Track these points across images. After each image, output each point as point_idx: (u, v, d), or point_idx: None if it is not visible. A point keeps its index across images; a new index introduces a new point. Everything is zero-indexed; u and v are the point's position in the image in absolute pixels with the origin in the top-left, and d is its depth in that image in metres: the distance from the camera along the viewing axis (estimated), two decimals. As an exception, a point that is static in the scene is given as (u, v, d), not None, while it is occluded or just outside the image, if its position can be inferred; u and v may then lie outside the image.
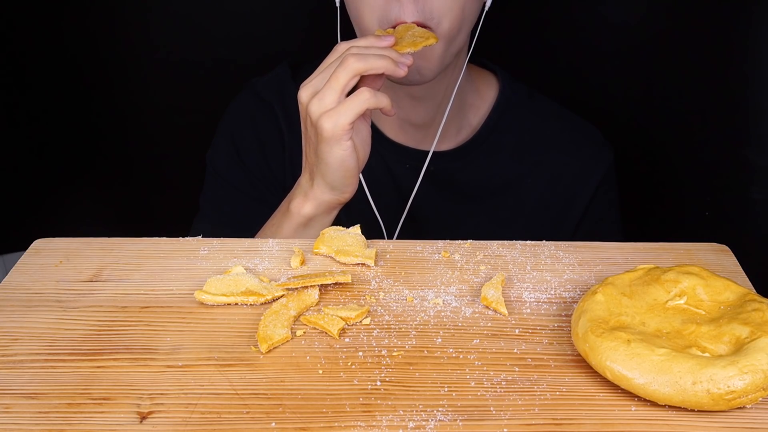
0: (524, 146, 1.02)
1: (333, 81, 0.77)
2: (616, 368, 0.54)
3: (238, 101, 1.05)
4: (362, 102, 0.76)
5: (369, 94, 0.77)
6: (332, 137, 0.77)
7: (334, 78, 0.77)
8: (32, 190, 1.41)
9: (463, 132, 1.02)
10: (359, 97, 0.77)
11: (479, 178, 1.02)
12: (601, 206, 1.04)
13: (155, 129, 1.40)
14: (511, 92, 1.03)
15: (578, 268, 0.69)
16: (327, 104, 0.77)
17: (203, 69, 1.35)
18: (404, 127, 1.00)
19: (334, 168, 0.79)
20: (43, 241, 0.72)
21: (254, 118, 1.03)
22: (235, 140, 1.02)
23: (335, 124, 0.76)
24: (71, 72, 1.35)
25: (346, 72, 0.76)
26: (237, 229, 0.89)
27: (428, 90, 0.95)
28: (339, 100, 0.77)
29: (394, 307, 0.64)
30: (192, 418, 0.52)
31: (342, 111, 0.76)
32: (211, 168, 1.04)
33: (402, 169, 1.00)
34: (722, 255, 0.71)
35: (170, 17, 1.33)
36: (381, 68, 0.77)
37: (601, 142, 1.05)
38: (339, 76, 0.76)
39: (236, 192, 1.01)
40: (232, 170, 1.01)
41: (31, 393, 0.54)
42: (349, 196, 0.83)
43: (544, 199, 1.02)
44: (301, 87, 0.80)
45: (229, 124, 1.04)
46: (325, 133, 0.77)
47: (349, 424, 0.52)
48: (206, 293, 0.64)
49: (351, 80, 0.77)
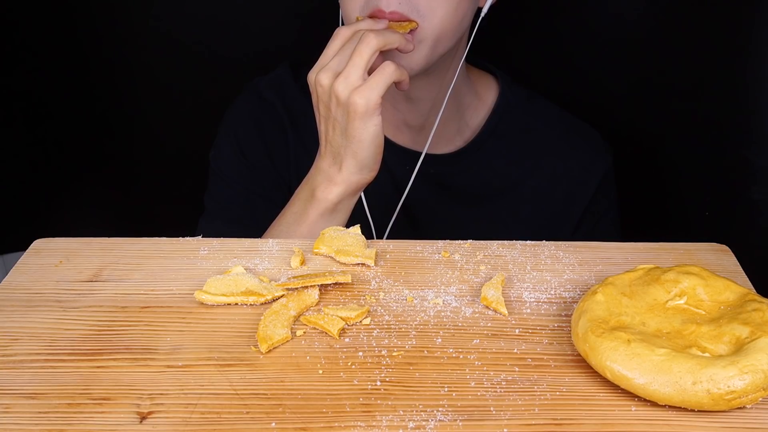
0: (524, 149, 1.03)
1: (357, 58, 0.79)
2: (616, 368, 0.54)
3: (240, 101, 1.06)
4: (389, 74, 0.79)
5: (393, 66, 0.79)
6: (366, 112, 0.79)
7: (357, 55, 0.79)
8: (32, 190, 1.41)
9: (463, 134, 1.02)
10: (385, 71, 0.79)
11: (479, 181, 1.02)
12: (600, 208, 1.04)
13: (156, 129, 1.40)
14: (511, 95, 1.03)
15: (578, 268, 0.69)
16: (354, 81, 0.79)
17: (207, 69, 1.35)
18: (401, 129, 1.00)
19: (366, 144, 0.81)
20: (43, 241, 0.72)
21: (257, 118, 1.04)
22: (238, 140, 1.03)
23: (368, 99, 0.78)
24: (71, 71, 1.35)
25: (368, 48, 0.79)
26: (246, 226, 0.89)
27: (423, 91, 0.95)
28: (364, 77, 0.79)
29: (394, 307, 0.64)
30: (192, 418, 0.52)
31: (372, 86, 0.78)
32: (215, 167, 1.04)
33: (402, 170, 1.00)
34: (722, 255, 0.71)
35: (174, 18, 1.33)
36: (396, 42, 0.80)
37: (601, 145, 1.05)
38: (363, 53, 0.79)
39: (243, 190, 1.02)
40: (237, 169, 1.02)
41: (31, 393, 0.54)
42: (375, 173, 0.85)
43: (544, 202, 1.02)
44: (317, 72, 0.81)
45: (232, 123, 1.05)
46: (359, 108, 0.78)
47: (349, 424, 0.52)
48: (206, 293, 0.64)
49: (372, 56, 0.79)
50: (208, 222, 1.01)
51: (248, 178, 1.02)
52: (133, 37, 1.34)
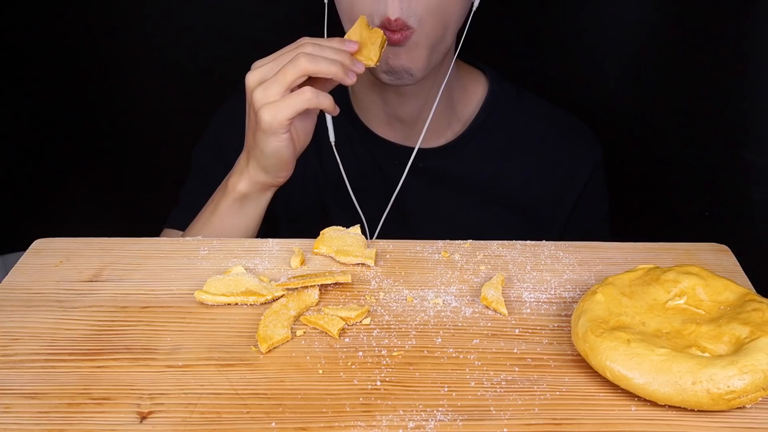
0: (513, 143, 1.03)
1: (281, 75, 0.78)
2: (616, 368, 0.54)
3: (227, 101, 1.08)
4: (303, 101, 0.78)
5: (311, 94, 0.78)
6: (269, 129, 0.79)
7: (282, 73, 0.78)
8: (32, 190, 1.41)
9: (453, 129, 1.03)
10: (301, 96, 0.78)
11: (469, 175, 1.03)
12: (591, 200, 1.04)
13: (156, 130, 1.40)
14: (500, 90, 1.04)
15: (578, 268, 0.69)
16: (270, 96, 0.78)
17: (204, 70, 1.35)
18: (392, 123, 1.01)
19: (267, 155, 0.82)
20: (43, 241, 0.72)
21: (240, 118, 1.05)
22: (218, 137, 1.05)
23: (274, 118, 0.78)
24: (72, 72, 1.35)
25: (295, 70, 0.78)
26: None
27: (416, 87, 0.96)
28: (282, 94, 0.78)
29: (394, 307, 0.64)
30: (192, 418, 0.52)
31: (282, 106, 0.78)
32: (194, 162, 1.06)
33: (392, 166, 1.01)
34: (722, 255, 0.71)
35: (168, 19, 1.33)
36: (329, 73, 0.79)
37: (590, 137, 1.06)
38: (287, 73, 0.78)
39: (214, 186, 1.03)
40: (212, 165, 1.03)
41: (31, 393, 0.54)
42: (283, 180, 0.85)
43: (534, 195, 1.03)
44: (252, 68, 0.82)
45: (216, 122, 1.07)
46: (263, 124, 0.79)
47: (349, 424, 0.52)
48: (206, 293, 0.64)
49: (298, 79, 0.78)
50: (177, 213, 1.03)
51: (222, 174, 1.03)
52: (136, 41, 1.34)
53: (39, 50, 1.33)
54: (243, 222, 0.87)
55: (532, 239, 0.73)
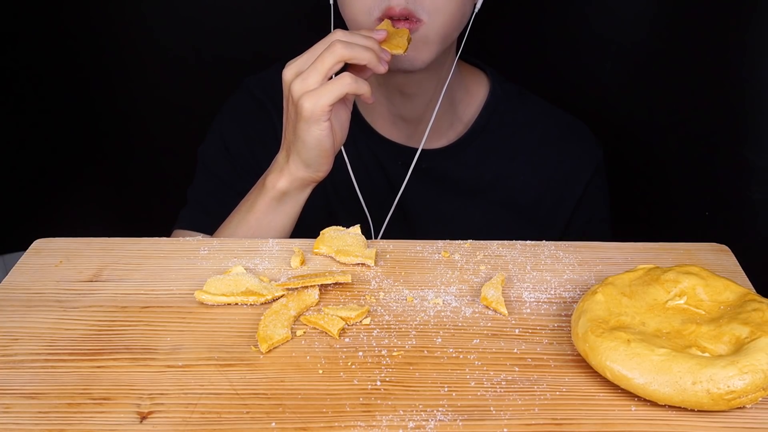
0: (515, 143, 1.04)
1: (318, 63, 0.79)
2: (616, 368, 0.54)
3: (231, 99, 1.08)
4: (343, 86, 0.79)
5: (350, 79, 0.79)
6: (311, 117, 0.79)
7: (319, 61, 0.79)
8: (32, 190, 1.41)
9: (455, 129, 1.03)
10: (341, 81, 0.79)
11: (471, 175, 1.03)
12: (592, 201, 1.05)
13: (156, 129, 1.40)
14: (502, 91, 1.04)
15: (578, 268, 0.69)
16: (309, 85, 0.79)
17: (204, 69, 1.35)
18: (396, 123, 1.01)
19: (310, 147, 0.81)
20: (43, 241, 0.72)
21: (246, 115, 1.06)
22: (224, 135, 1.05)
23: (315, 105, 0.79)
24: (71, 72, 1.35)
25: (332, 56, 0.79)
26: (218, 220, 0.90)
27: (418, 86, 0.97)
28: (321, 82, 0.79)
29: (394, 307, 0.64)
30: (192, 418, 0.52)
31: (323, 92, 0.79)
32: (200, 161, 1.06)
33: (395, 166, 1.01)
34: (722, 255, 0.71)
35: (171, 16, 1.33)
36: (364, 59, 0.80)
37: (591, 139, 1.06)
38: (324, 60, 0.79)
39: (222, 185, 1.03)
40: (219, 163, 1.03)
41: (31, 393, 0.54)
42: (324, 174, 0.85)
43: (535, 196, 1.03)
44: (287, 66, 0.83)
45: (221, 120, 1.07)
46: (304, 112, 0.79)
47: (349, 424, 0.52)
48: (206, 293, 0.64)
49: (335, 65, 0.80)
50: (187, 213, 1.03)
51: (230, 172, 1.04)
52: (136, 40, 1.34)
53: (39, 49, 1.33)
54: (280, 220, 0.86)
55: (534, 240, 0.73)
